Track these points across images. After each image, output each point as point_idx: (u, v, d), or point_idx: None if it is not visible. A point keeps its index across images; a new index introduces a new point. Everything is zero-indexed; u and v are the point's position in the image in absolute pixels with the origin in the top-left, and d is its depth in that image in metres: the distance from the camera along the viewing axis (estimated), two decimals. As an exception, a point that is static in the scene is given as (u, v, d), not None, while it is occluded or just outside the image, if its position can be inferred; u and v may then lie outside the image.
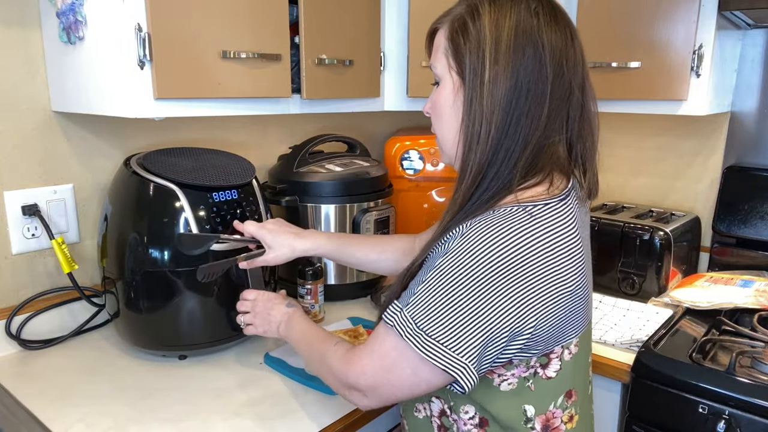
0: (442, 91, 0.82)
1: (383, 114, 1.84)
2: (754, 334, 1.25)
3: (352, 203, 1.48)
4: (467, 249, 0.72)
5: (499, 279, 0.71)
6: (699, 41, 1.37)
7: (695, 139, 1.75)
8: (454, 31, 0.79)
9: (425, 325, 0.72)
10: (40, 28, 1.20)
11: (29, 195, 1.23)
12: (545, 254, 0.73)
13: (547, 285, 0.73)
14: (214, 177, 1.16)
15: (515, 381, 0.80)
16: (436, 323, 0.72)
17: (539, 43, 0.75)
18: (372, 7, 1.40)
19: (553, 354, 0.80)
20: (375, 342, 0.79)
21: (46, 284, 1.28)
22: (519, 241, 0.72)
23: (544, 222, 0.74)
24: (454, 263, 0.72)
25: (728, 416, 1.08)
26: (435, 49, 0.84)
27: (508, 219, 0.73)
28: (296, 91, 1.27)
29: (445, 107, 0.82)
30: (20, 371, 1.15)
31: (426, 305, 0.73)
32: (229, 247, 1.12)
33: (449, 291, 0.72)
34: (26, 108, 1.21)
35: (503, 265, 0.71)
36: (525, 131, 0.76)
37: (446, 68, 0.81)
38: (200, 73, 1.07)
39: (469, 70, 0.77)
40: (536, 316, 0.73)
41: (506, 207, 0.75)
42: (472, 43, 0.76)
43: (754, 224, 1.60)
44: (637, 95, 1.47)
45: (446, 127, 0.83)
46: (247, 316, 1.10)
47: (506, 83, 0.75)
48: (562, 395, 0.83)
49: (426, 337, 0.72)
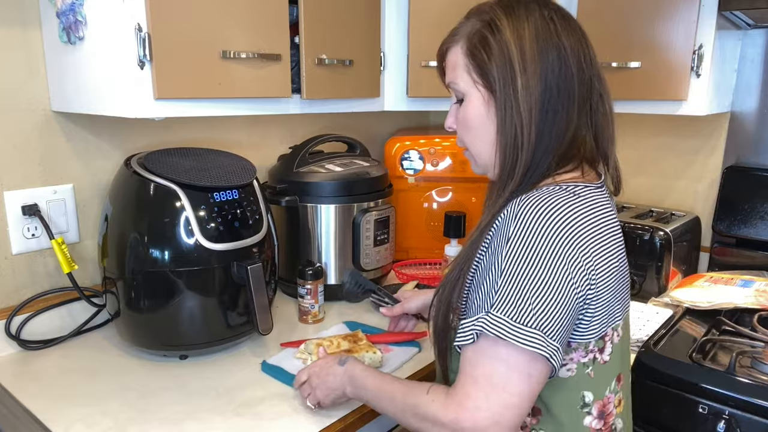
0: (470, 106, 0.84)
1: (383, 114, 1.84)
2: (754, 334, 1.25)
3: (352, 203, 1.48)
4: (527, 230, 0.74)
5: (563, 254, 0.73)
6: (699, 41, 1.37)
7: (695, 139, 1.75)
8: (473, 47, 0.82)
9: (520, 317, 0.71)
10: (40, 28, 1.20)
11: (29, 195, 1.23)
12: (594, 227, 0.77)
13: (600, 257, 0.77)
14: (214, 177, 1.16)
15: (574, 367, 0.81)
16: (528, 311, 0.71)
17: (560, 46, 0.79)
18: (372, 7, 1.40)
19: (606, 336, 0.83)
20: (471, 368, 0.74)
21: (46, 284, 1.28)
22: (570, 214, 0.75)
23: (587, 200, 0.79)
24: (521, 248, 0.73)
25: (728, 416, 1.08)
26: (452, 67, 0.86)
27: (555, 195, 0.77)
28: (296, 91, 1.27)
29: (477, 120, 0.84)
30: (20, 371, 1.15)
31: (512, 297, 0.72)
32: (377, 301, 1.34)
33: (526, 276, 0.72)
34: (26, 108, 1.21)
35: (561, 239, 0.74)
36: (561, 128, 0.80)
37: (471, 84, 0.83)
38: (200, 73, 1.07)
39: (498, 81, 0.80)
40: (595, 288, 0.77)
41: (547, 186, 0.79)
42: (497, 55, 0.79)
43: (754, 224, 1.60)
44: (637, 95, 1.47)
45: (481, 139, 0.85)
46: (311, 396, 1.00)
47: (537, 88, 0.78)
48: (614, 379, 0.86)
49: (525, 328, 0.71)
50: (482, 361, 0.73)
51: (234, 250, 1.15)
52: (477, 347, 0.74)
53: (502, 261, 0.74)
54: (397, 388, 0.86)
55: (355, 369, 0.94)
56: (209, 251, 1.12)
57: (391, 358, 1.20)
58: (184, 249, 1.11)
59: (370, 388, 0.90)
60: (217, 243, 1.13)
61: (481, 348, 0.73)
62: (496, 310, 0.73)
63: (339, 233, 1.48)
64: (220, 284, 1.15)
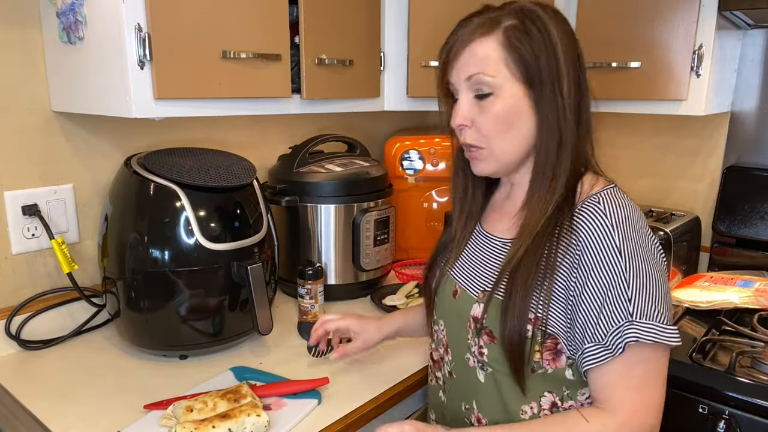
0: (506, 100, 0.83)
1: (383, 114, 1.85)
2: (754, 334, 1.25)
3: (352, 203, 1.48)
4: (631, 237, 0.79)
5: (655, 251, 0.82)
6: (699, 41, 1.37)
7: (695, 139, 1.75)
8: (516, 39, 0.81)
9: (662, 317, 0.77)
10: (40, 28, 1.20)
11: (29, 195, 1.23)
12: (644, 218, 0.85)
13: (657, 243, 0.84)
14: (214, 177, 1.16)
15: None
16: (664, 311, 0.78)
17: (578, 44, 0.85)
18: (372, 7, 1.40)
19: None
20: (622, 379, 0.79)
21: (46, 284, 1.28)
22: (640, 215, 0.83)
23: (628, 197, 0.86)
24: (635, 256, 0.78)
25: (728, 416, 1.08)
26: (480, 60, 0.82)
27: (622, 199, 0.83)
28: (296, 91, 1.27)
29: (514, 116, 0.83)
30: (20, 371, 1.15)
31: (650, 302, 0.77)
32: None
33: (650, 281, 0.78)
34: (26, 108, 1.21)
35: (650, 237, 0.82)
36: (588, 126, 0.86)
37: (507, 77, 0.82)
38: (200, 73, 1.07)
39: (544, 76, 0.81)
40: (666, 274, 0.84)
41: (605, 189, 0.84)
42: (542, 48, 0.81)
43: (754, 224, 1.60)
44: (637, 95, 1.47)
45: (512, 135, 0.84)
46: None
47: (575, 83, 0.83)
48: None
49: (668, 328, 0.77)
50: (635, 369, 0.78)
51: (234, 250, 1.15)
52: (626, 357, 0.77)
53: (624, 271, 0.78)
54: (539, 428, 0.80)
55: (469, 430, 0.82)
56: (209, 251, 1.12)
57: (283, 416, 0.97)
58: (184, 249, 1.11)
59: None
60: (217, 243, 1.13)
61: (633, 356, 0.77)
62: (639, 317, 0.76)
63: (339, 233, 1.48)
64: (220, 284, 1.15)
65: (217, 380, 1.10)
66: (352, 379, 1.13)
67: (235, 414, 0.93)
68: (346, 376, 1.14)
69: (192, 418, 0.93)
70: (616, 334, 0.77)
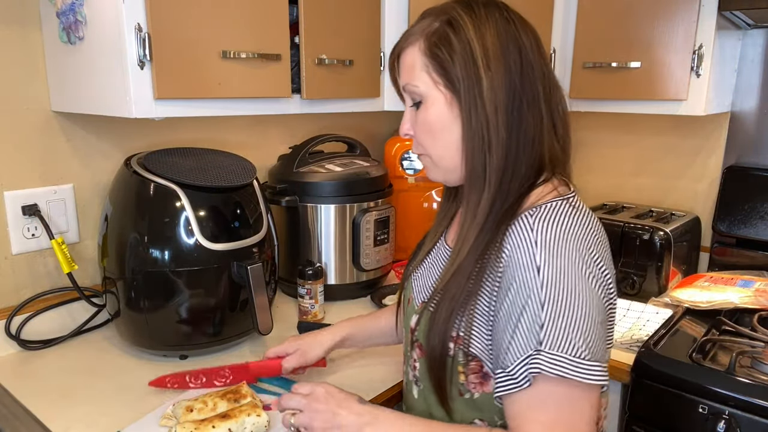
0: (431, 108, 0.80)
1: (383, 114, 1.84)
2: (754, 334, 1.25)
3: (352, 203, 1.48)
4: (555, 256, 0.70)
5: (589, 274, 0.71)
6: (699, 41, 1.37)
7: (695, 139, 1.75)
8: (434, 45, 0.78)
9: (575, 350, 0.67)
10: (40, 28, 1.20)
11: (29, 195, 1.23)
12: (598, 239, 0.76)
13: (607, 267, 0.76)
14: (214, 177, 1.16)
15: None
16: (581, 343, 0.68)
17: (521, 44, 0.78)
18: (372, 7, 1.40)
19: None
20: (536, 413, 0.69)
21: (46, 284, 1.28)
22: (582, 230, 0.74)
23: (585, 212, 0.78)
24: (555, 276, 0.69)
25: (728, 416, 1.08)
26: (408, 68, 0.82)
27: (563, 214, 0.75)
28: (296, 91, 1.27)
29: (440, 123, 0.80)
30: (20, 371, 1.15)
31: (563, 330, 0.68)
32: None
33: (569, 306, 0.69)
34: (26, 108, 1.21)
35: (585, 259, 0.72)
36: (530, 129, 0.78)
37: (431, 84, 0.79)
38: (200, 73, 1.07)
39: (462, 81, 0.77)
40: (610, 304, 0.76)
41: (549, 202, 0.76)
42: (459, 54, 0.76)
43: (754, 224, 1.60)
44: (637, 95, 1.47)
45: (443, 143, 0.81)
46: (301, 417, 0.81)
47: (503, 87, 0.76)
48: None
49: (584, 362, 0.67)
50: (547, 404, 0.69)
51: (234, 250, 1.15)
52: (536, 390, 0.68)
53: (539, 292, 0.69)
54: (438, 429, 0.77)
55: (381, 410, 0.80)
56: (209, 251, 1.12)
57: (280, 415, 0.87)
58: (184, 249, 1.11)
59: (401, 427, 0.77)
60: (217, 243, 1.13)
61: (543, 389, 0.68)
62: (548, 347, 0.67)
63: (339, 233, 1.48)
64: (220, 284, 1.15)
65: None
66: (351, 382, 1.13)
67: (235, 414, 0.93)
68: (345, 381, 1.14)
69: (192, 418, 0.93)
70: (522, 363, 0.69)
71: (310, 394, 0.81)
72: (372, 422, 0.77)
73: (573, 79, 1.57)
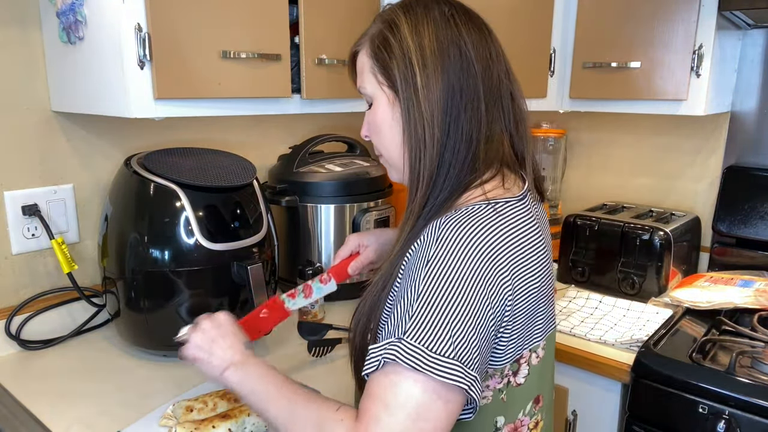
0: (378, 109, 0.82)
1: (383, 114, 1.85)
2: (754, 334, 1.25)
3: (352, 203, 1.48)
4: (448, 253, 0.69)
5: (481, 279, 0.69)
6: (699, 41, 1.37)
7: (695, 139, 1.75)
8: (376, 47, 0.80)
9: (437, 347, 0.66)
10: (40, 28, 1.20)
11: (29, 195, 1.23)
12: (515, 249, 0.73)
13: (519, 280, 0.73)
14: (214, 177, 1.16)
15: (490, 394, 0.78)
16: (446, 340, 0.66)
17: (461, 42, 0.77)
18: (372, 8, 1.40)
19: (522, 359, 0.79)
20: (382, 394, 0.67)
21: (46, 284, 1.28)
22: (492, 236, 0.71)
23: (509, 218, 0.75)
24: (440, 271, 0.68)
25: (728, 416, 1.08)
26: (360, 71, 0.84)
27: (477, 216, 0.73)
28: (296, 91, 1.27)
29: (385, 123, 0.81)
30: (20, 371, 1.15)
31: (429, 324, 0.66)
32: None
33: (445, 302, 0.67)
34: (26, 108, 1.21)
35: (483, 263, 0.69)
36: (466, 128, 0.77)
37: (376, 86, 0.81)
38: (200, 73, 1.07)
39: (400, 80, 0.77)
40: (511, 313, 0.73)
41: (472, 205, 0.74)
42: (397, 54, 0.77)
43: (754, 224, 1.60)
44: (637, 95, 1.47)
45: (389, 142, 0.82)
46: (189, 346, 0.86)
47: (438, 85, 0.76)
48: (531, 401, 0.82)
49: (443, 359, 0.65)
50: (398, 385, 0.66)
51: (234, 250, 1.15)
52: (389, 374, 0.66)
53: (419, 284, 0.69)
54: (299, 393, 0.76)
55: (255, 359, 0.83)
56: (209, 251, 1.12)
57: None
58: (184, 249, 1.11)
59: (266, 382, 0.78)
60: (217, 243, 1.13)
61: (395, 375, 0.66)
62: (410, 337, 0.66)
63: (339, 233, 1.48)
64: (220, 284, 1.15)
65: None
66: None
67: (235, 414, 0.93)
68: (346, 378, 1.14)
69: (192, 418, 0.93)
70: (382, 347, 0.68)
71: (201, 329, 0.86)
72: (239, 363, 0.81)
73: (573, 79, 1.58)
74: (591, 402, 1.31)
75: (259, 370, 0.80)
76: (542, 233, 0.81)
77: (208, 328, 0.86)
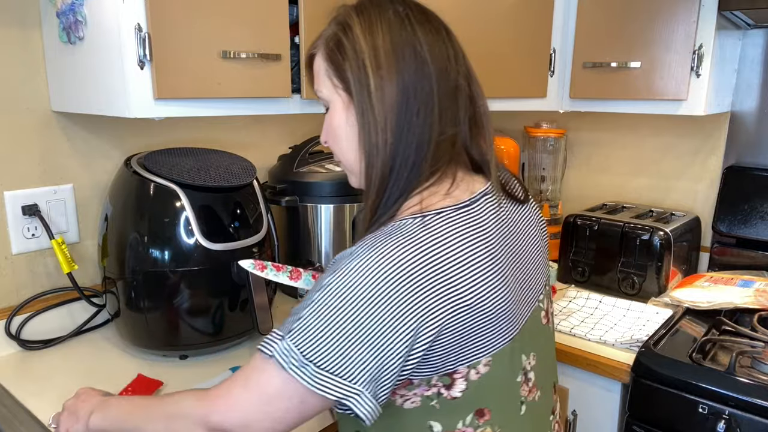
0: (334, 113, 0.80)
1: (383, 114, 1.85)
2: (754, 334, 1.25)
3: (351, 203, 1.48)
4: (353, 268, 0.67)
5: (386, 299, 0.66)
6: (699, 41, 1.37)
7: (695, 139, 1.75)
8: (330, 50, 0.78)
9: (312, 355, 0.66)
10: (40, 28, 1.20)
11: (29, 195, 1.23)
12: (437, 268, 0.69)
13: (440, 302, 0.68)
14: (214, 177, 1.16)
15: (418, 400, 0.75)
16: (323, 352, 0.66)
17: (416, 43, 0.75)
18: (372, 7, 1.40)
19: (457, 374, 0.73)
20: (251, 372, 0.70)
21: (46, 284, 1.28)
22: (410, 258, 0.67)
23: (438, 232, 0.71)
24: (340, 284, 0.67)
25: (728, 416, 1.08)
26: (316, 74, 0.82)
27: (398, 233, 0.70)
28: (296, 91, 1.27)
29: (341, 128, 0.79)
30: (20, 371, 1.15)
31: (312, 332, 0.66)
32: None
33: (335, 314, 0.66)
34: (26, 108, 1.21)
35: (391, 283, 0.66)
36: (418, 132, 0.74)
37: (332, 89, 0.79)
38: (200, 73, 1.07)
39: (354, 83, 0.75)
40: (429, 335, 0.68)
41: (401, 220, 0.72)
42: (350, 56, 0.75)
43: (754, 224, 1.60)
44: (637, 95, 1.47)
45: (346, 147, 0.80)
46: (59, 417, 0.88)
47: (392, 88, 0.74)
48: (472, 414, 0.76)
49: (314, 368, 0.66)
50: (265, 372, 0.68)
51: (234, 250, 1.15)
52: (267, 359, 0.68)
53: (318, 290, 0.68)
54: (152, 402, 0.78)
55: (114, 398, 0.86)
56: (209, 251, 1.12)
57: None
58: (184, 249, 1.11)
59: (122, 407, 0.81)
60: (217, 243, 1.13)
61: (270, 363, 0.68)
62: (291, 338, 0.67)
63: (339, 233, 1.48)
64: (220, 284, 1.15)
65: (217, 380, 1.10)
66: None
67: None
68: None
69: (192, 418, 0.93)
70: (271, 337, 0.69)
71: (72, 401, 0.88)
72: (100, 406, 0.83)
73: (573, 79, 1.58)
74: (591, 402, 1.32)
75: (119, 401, 0.83)
76: (496, 240, 0.76)
77: (70, 403, 0.88)
